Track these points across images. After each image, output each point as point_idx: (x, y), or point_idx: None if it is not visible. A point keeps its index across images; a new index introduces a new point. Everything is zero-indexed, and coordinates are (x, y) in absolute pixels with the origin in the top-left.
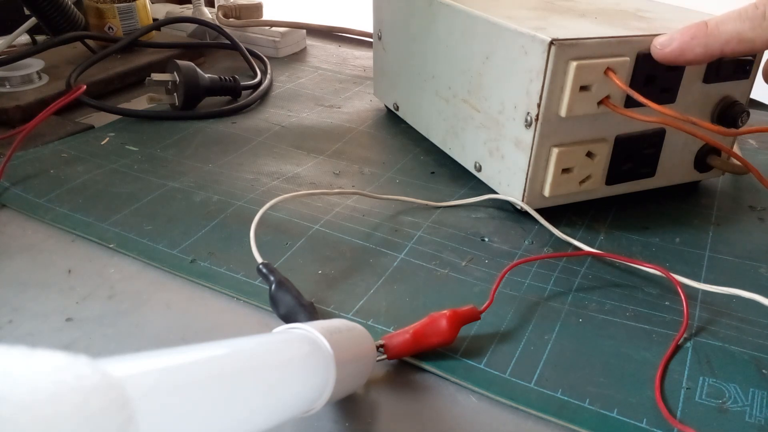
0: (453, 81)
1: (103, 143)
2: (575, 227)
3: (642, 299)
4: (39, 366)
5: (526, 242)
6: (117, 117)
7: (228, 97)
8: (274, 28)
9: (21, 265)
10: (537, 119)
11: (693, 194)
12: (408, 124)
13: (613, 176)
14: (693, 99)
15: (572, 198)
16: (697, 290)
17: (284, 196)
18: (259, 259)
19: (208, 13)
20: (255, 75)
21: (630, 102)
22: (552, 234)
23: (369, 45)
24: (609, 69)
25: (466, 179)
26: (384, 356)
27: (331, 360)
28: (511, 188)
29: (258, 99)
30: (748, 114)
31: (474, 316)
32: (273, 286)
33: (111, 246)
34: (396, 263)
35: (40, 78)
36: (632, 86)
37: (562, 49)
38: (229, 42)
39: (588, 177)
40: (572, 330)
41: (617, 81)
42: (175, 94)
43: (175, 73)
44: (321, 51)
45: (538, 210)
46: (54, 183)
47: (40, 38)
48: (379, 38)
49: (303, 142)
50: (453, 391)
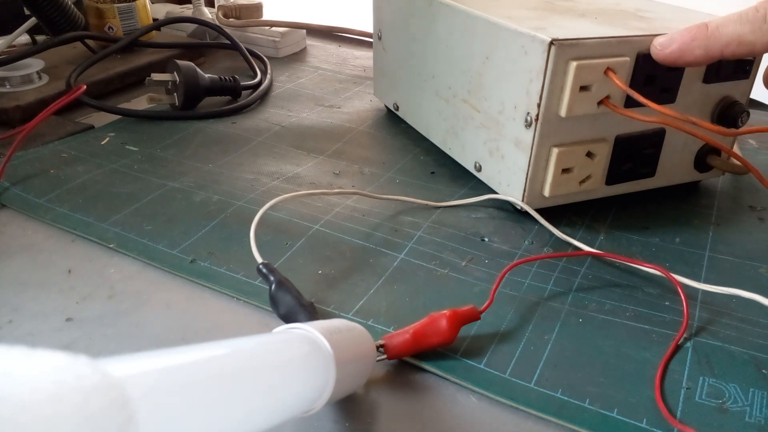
0: (453, 81)
1: (103, 143)
2: (575, 227)
3: (642, 299)
4: (39, 366)
5: (526, 242)
6: (117, 117)
7: (228, 97)
8: (274, 28)
9: (21, 265)
10: (537, 119)
11: (693, 194)
12: (408, 124)
13: (613, 176)
14: (693, 99)
15: (572, 198)
16: (697, 290)
17: (284, 196)
18: (259, 259)
19: (208, 13)
20: (255, 75)
21: (630, 102)
22: (552, 234)
23: (369, 45)
24: (609, 69)
25: (466, 179)
26: (384, 356)
27: (331, 360)
28: (511, 188)
29: (258, 99)
30: (748, 114)
31: (474, 316)
32: (273, 286)
33: (111, 246)
34: (396, 263)
35: (40, 78)
36: (632, 86)
37: (562, 49)
38: (229, 42)
39: (588, 177)
40: (572, 330)
41: (617, 81)
42: (175, 94)
43: (175, 73)
44: (321, 51)
45: (538, 210)
46: (54, 183)
47: (40, 38)
48: (379, 38)
49: (303, 142)
50: (453, 391)
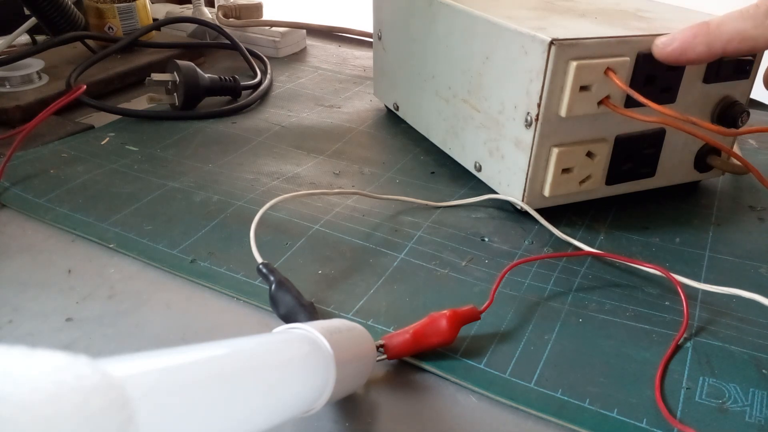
0: (453, 81)
1: (103, 143)
2: (575, 227)
3: (642, 299)
4: (39, 366)
5: (526, 242)
6: (117, 117)
7: (228, 97)
8: (274, 28)
9: (21, 265)
10: (537, 119)
11: (693, 194)
12: (408, 124)
13: (613, 176)
14: (693, 99)
15: (572, 198)
16: (697, 290)
17: (284, 196)
18: (259, 259)
19: (208, 13)
20: (255, 75)
21: (630, 102)
22: (552, 234)
23: (369, 45)
24: (609, 69)
25: (466, 179)
26: (384, 356)
27: (331, 360)
28: (511, 188)
29: (258, 99)
30: (748, 114)
31: (474, 316)
32: (273, 286)
33: (111, 246)
34: (396, 263)
35: (40, 78)
36: (632, 86)
37: (562, 49)
38: (229, 42)
39: (588, 177)
40: (572, 330)
41: (617, 81)
42: (175, 94)
43: (175, 73)
44: (321, 51)
45: (538, 210)
46: (54, 183)
47: (40, 38)
48: (379, 38)
49: (303, 142)
50: (453, 391)
